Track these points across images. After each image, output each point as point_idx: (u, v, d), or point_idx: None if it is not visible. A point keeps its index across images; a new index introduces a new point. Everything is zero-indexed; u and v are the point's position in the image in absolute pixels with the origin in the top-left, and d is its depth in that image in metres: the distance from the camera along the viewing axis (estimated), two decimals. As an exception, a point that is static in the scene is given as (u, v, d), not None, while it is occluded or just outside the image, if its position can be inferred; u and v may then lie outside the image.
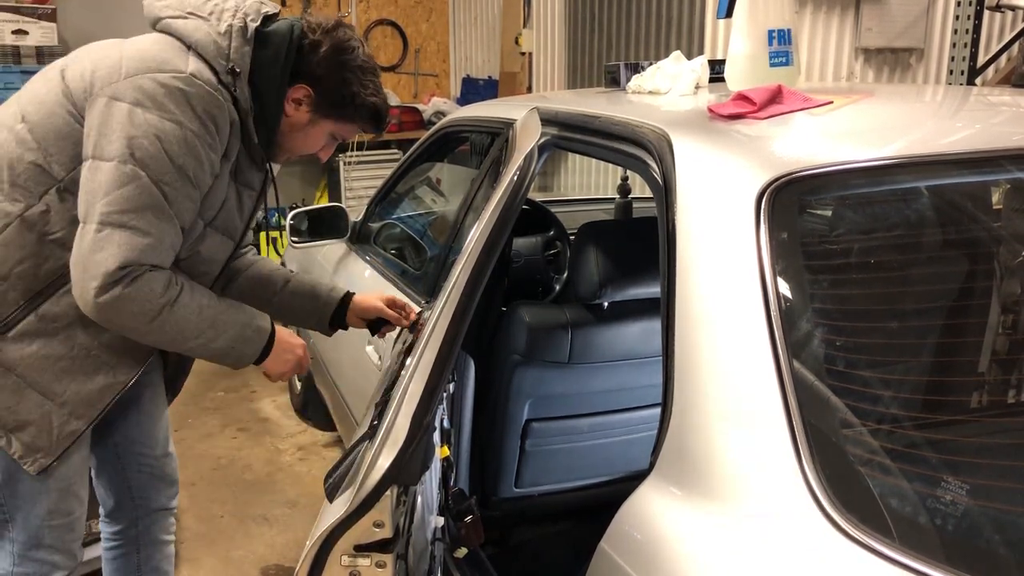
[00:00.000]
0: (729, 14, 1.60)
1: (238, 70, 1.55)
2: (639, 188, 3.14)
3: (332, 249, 3.01)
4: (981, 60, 4.17)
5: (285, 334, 1.70)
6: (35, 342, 1.54)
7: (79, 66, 1.53)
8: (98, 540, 2.06)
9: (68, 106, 1.50)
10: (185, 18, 1.56)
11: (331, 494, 1.33)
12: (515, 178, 1.50)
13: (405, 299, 2.01)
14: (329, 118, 1.66)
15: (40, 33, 4.95)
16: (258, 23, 1.59)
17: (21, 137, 1.51)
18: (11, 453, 1.57)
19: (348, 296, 1.93)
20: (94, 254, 1.42)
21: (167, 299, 1.48)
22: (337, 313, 1.92)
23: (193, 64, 1.52)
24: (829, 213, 1.24)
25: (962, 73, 4.10)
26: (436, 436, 1.58)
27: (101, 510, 1.97)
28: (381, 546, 1.29)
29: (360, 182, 6.32)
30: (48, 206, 1.50)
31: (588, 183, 5.48)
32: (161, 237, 1.47)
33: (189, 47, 1.54)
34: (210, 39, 1.54)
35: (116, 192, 1.42)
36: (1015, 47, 4.26)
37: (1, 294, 1.51)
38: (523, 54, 6.01)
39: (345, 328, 1.96)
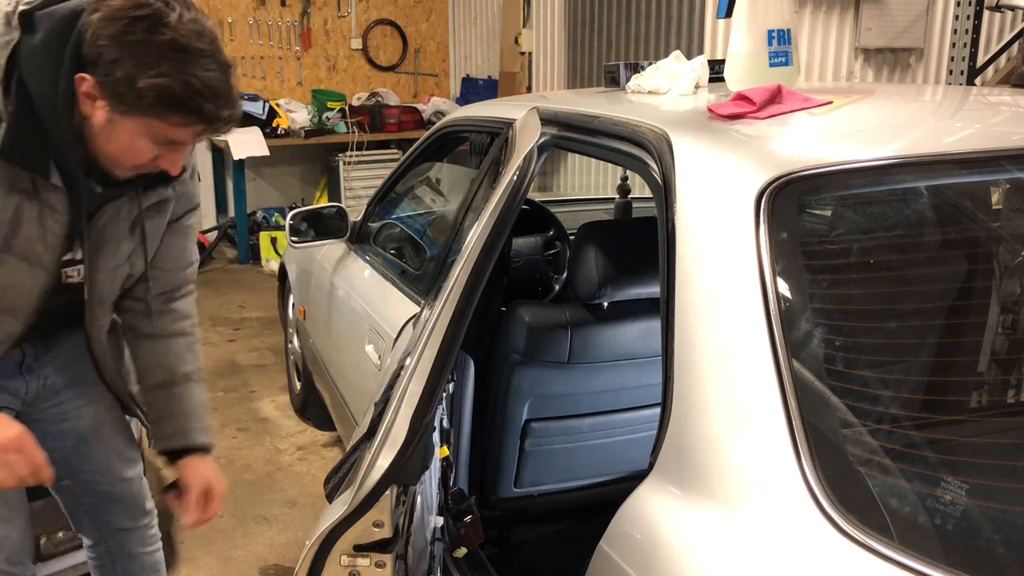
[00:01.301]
0: (729, 14, 1.60)
1: None
2: (639, 188, 3.14)
3: (331, 249, 3.01)
4: (981, 60, 4.18)
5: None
6: None
7: None
8: (79, 547, 1.99)
9: None
10: None
11: (331, 496, 1.33)
12: (515, 178, 1.50)
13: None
14: (126, 115, 1.31)
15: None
16: (29, 7, 1.32)
17: None
18: None
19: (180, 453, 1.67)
20: None
21: None
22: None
23: None
24: (829, 213, 1.24)
25: (962, 73, 4.11)
26: (436, 436, 1.58)
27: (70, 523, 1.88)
28: (380, 546, 1.29)
29: (359, 182, 6.33)
30: None
31: (588, 183, 5.49)
32: None
33: None
34: None
35: None
36: (1015, 47, 4.26)
37: None
38: (523, 54, 6.01)
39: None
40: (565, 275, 2.54)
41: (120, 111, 1.30)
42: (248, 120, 5.91)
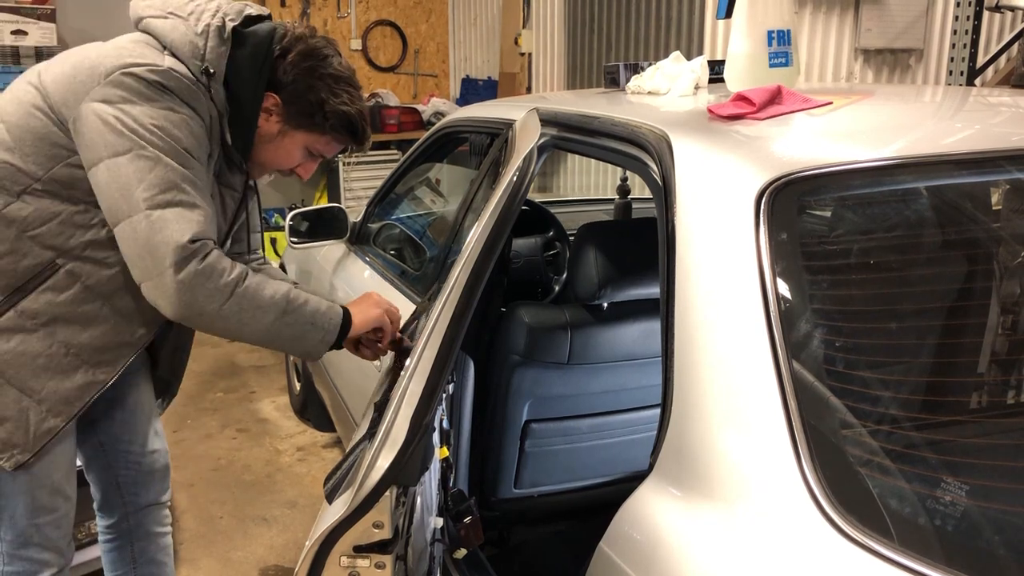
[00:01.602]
0: (729, 14, 1.60)
1: (212, 70, 1.53)
2: (638, 189, 3.14)
3: (331, 250, 3.01)
4: (980, 61, 4.17)
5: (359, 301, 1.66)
6: (14, 338, 1.53)
7: (58, 67, 1.53)
8: (96, 541, 2.06)
9: (45, 108, 1.49)
10: (165, 18, 1.55)
11: (330, 496, 1.33)
12: (514, 179, 1.50)
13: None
14: (300, 129, 1.62)
15: (40, 34, 4.95)
16: (237, 23, 1.57)
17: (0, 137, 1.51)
18: None
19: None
20: (156, 236, 1.41)
21: (237, 275, 1.46)
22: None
23: (169, 61, 1.51)
24: (828, 214, 1.24)
25: (961, 74, 4.10)
26: (435, 437, 1.58)
27: (95, 503, 1.98)
28: (380, 547, 1.29)
29: (359, 182, 6.32)
30: (27, 203, 1.50)
31: (587, 184, 5.48)
32: (206, 209, 1.49)
33: (165, 47, 1.53)
34: (186, 39, 1.53)
35: (149, 177, 1.43)
36: (1015, 48, 4.26)
37: None
38: (522, 55, 6.01)
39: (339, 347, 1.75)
40: (565, 276, 2.54)
41: (295, 125, 1.61)
42: (248, 121, 5.91)
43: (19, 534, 1.65)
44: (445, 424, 1.79)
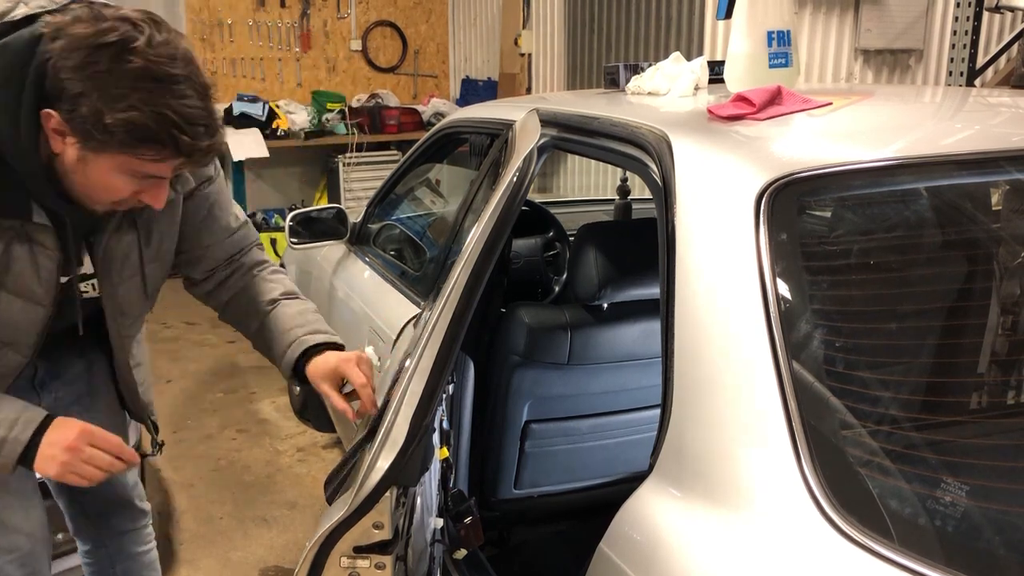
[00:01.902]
0: (729, 15, 1.60)
1: None
2: (639, 189, 3.14)
3: (331, 250, 3.01)
4: (980, 61, 4.17)
5: (57, 429, 1.33)
6: None
7: None
8: (74, 551, 1.99)
9: None
10: None
11: (331, 498, 1.33)
12: (514, 179, 1.50)
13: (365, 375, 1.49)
14: (96, 151, 1.21)
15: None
16: None
17: None
18: None
19: (310, 351, 1.53)
20: None
21: None
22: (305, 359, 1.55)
23: None
24: (828, 214, 1.24)
25: (961, 74, 4.10)
26: (435, 437, 1.58)
27: (70, 530, 1.90)
28: (380, 547, 1.29)
29: (359, 183, 6.32)
30: None
31: (587, 184, 5.48)
32: None
33: None
34: None
35: None
36: (1014, 48, 4.26)
37: None
38: (522, 55, 6.01)
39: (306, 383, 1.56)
40: (565, 276, 2.54)
41: (91, 148, 1.21)
42: (248, 121, 5.91)
43: None
44: (445, 424, 1.79)
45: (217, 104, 1.27)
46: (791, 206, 1.13)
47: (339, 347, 1.55)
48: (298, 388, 3.76)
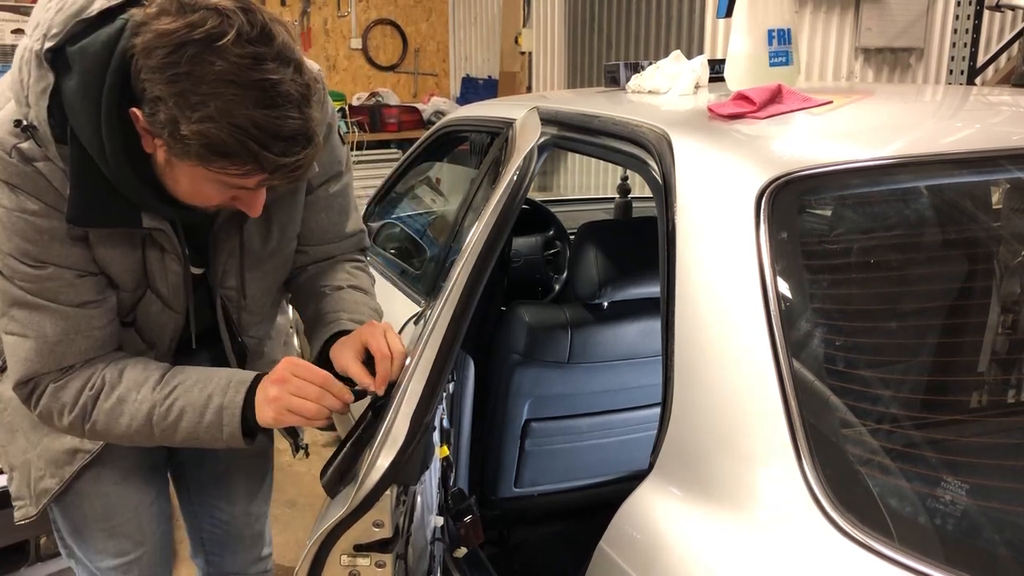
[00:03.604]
0: (729, 14, 1.60)
1: (35, 124, 1.14)
2: (639, 188, 3.14)
3: (332, 249, 3.01)
4: (981, 60, 4.17)
5: (270, 376, 1.26)
6: None
7: None
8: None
9: None
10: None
11: (331, 490, 1.33)
12: (515, 178, 1.50)
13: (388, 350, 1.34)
14: (180, 159, 1.11)
15: (39, 32, 4.95)
16: (55, 42, 1.12)
17: None
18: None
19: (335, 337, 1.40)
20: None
21: (81, 411, 1.26)
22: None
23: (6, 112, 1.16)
24: (829, 213, 1.24)
25: (962, 73, 4.10)
26: (436, 436, 1.58)
27: (188, 551, 1.86)
28: (381, 546, 1.29)
29: (359, 182, 6.31)
30: None
31: (588, 183, 5.49)
32: (42, 332, 1.21)
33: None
34: (16, 79, 1.15)
35: None
36: (1015, 47, 4.26)
37: None
38: (523, 54, 6.01)
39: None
40: (565, 275, 2.54)
41: (175, 154, 1.10)
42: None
43: None
44: (445, 423, 1.79)
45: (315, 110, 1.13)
46: (791, 205, 1.13)
47: None
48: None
